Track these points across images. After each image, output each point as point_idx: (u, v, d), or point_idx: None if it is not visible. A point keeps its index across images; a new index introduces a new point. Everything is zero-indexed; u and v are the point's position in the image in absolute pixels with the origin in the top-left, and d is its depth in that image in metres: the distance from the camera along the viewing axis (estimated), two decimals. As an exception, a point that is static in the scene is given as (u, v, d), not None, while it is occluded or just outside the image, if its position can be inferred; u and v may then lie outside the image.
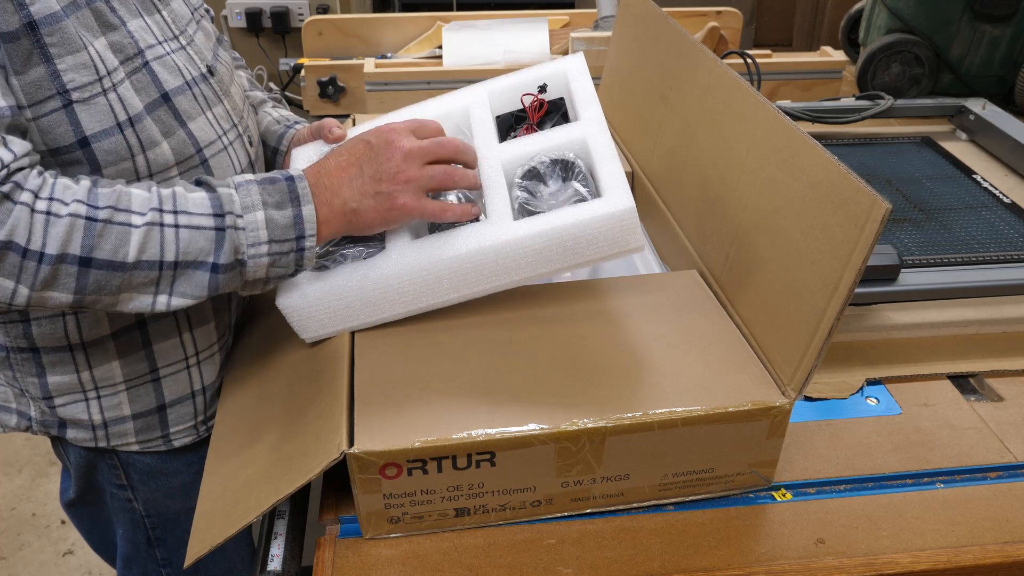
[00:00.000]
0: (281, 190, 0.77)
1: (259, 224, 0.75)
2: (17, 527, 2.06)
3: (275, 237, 0.76)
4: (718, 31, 1.74)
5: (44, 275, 0.69)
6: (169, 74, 0.82)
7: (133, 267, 0.72)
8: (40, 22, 0.71)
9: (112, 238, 0.71)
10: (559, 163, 0.86)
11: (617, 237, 0.81)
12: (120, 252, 0.71)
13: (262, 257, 0.76)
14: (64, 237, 0.69)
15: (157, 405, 0.91)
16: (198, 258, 0.74)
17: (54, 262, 0.69)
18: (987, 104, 1.49)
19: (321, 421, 0.76)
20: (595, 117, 0.90)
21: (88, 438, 0.90)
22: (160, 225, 0.72)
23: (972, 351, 1.01)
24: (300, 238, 0.77)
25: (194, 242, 0.73)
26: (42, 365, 0.85)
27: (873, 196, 0.67)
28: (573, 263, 0.83)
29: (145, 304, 0.75)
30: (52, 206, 0.69)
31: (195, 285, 0.75)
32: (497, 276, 0.83)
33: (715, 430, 0.76)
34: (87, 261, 0.70)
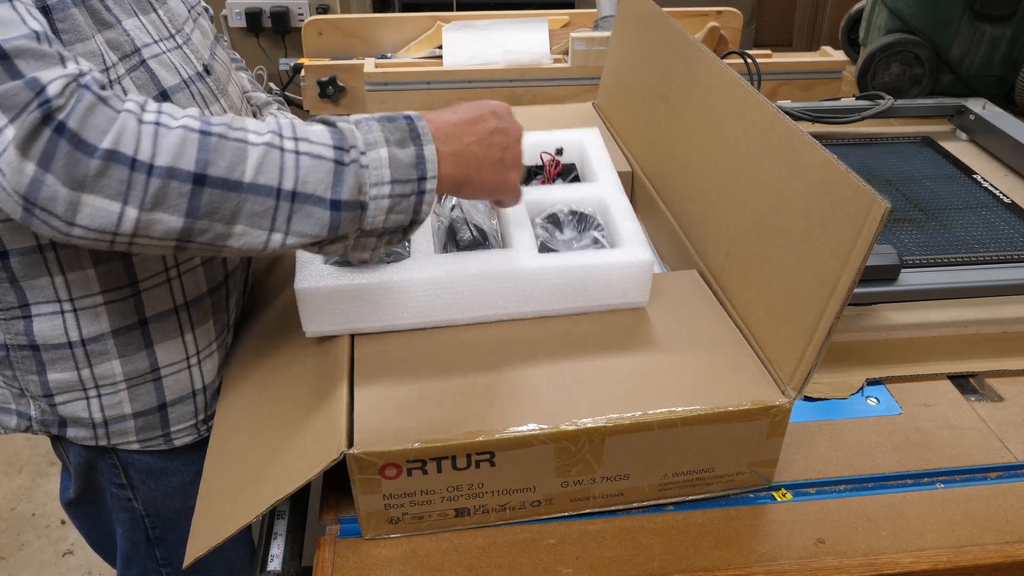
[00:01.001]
0: (401, 128, 0.71)
1: (383, 162, 0.68)
2: (17, 527, 2.06)
3: (398, 177, 0.69)
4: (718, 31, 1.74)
5: (154, 191, 0.63)
6: (166, 72, 0.82)
7: (249, 189, 0.65)
8: (53, 7, 0.71)
9: (228, 154, 0.64)
10: (576, 214, 0.93)
11: (628, 288, 0.87)
12: (236, 170, 0.65)
13: (384, 199, 0.69)
14: (176, 149, 0.63)
15: (158, 404, 0.91)
16: (316, 191, 0.67)
17: (164, 175, 0.63)
18: (987, 104, 1.49)
19: (321, 421, 0.76)
20: (613, 181, 0.99)
21: (89, 437, 0.90)
22: (280, 149, 0.66)
23: (972, 351, 1.01)
24: (422, 179, 0.70)
25: (314, 172, 0.67)
26: (42, 363, 0.85)
27: (872, 195, 0.67)
28: (582, 305, 0.87)
29: (258, 241, 0.67)
30: (161, 118, 0.64)
31: (314, 223, 0.67)
32: (514, 304, 0.85)
33: (715, 430, 0.76)
34: (201, 178, 0.64)
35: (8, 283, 0.81)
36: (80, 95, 0.62)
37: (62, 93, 0.61)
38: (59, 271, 0.81)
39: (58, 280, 0.81)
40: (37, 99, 0.60)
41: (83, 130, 0.61)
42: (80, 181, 0.61)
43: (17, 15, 0.64)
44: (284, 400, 0.84)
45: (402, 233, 0.73)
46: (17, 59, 0.61)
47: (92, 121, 0.62)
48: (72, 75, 0.62)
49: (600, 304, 0.87)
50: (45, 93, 0.61)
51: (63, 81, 0.61)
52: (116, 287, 0.84)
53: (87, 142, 0.61)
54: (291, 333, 0.90)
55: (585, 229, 0.92)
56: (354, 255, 0.74)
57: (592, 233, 0.92)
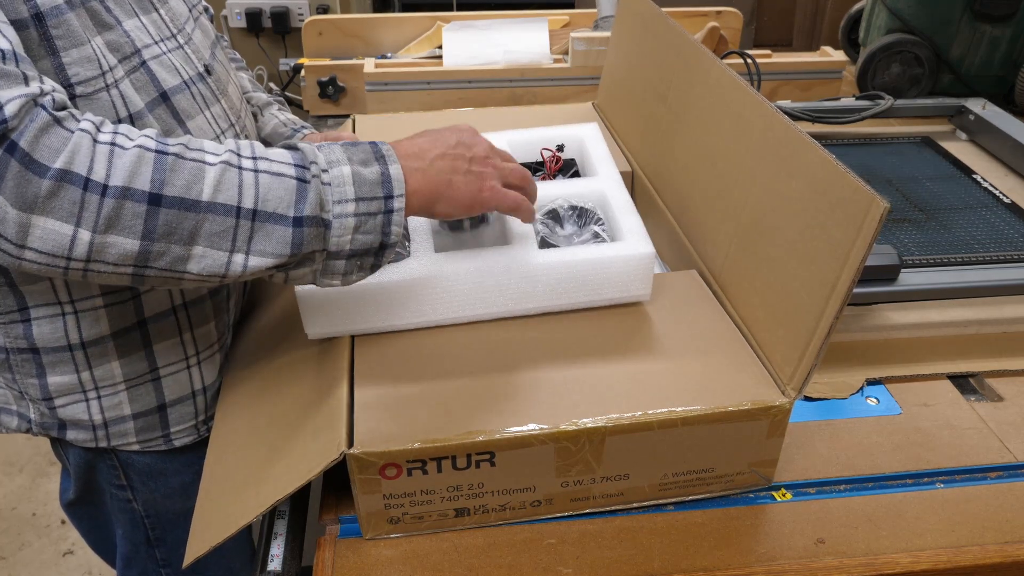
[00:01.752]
0: (365, 150, 0.70)
1: (345, 179, 0.67)
2: (17, 527, 2.06)
3: (362, 195, 0.68)
4: (718, 31, 1.74)
5: (108, 212, 0.61)
6: (167, 73, 0.82)
7: (207, 208, 0.64)
8: (47, 13, 0.70)
9: (185, 173, 0.63)
10: (576, 209, 0.93)
11: (631, 281, 0.86)
12: (193, 189, 0.63)
13: (348, 217, 0.68)
14: (131, 169, 0.62)
15: (157, 405, 0.91)
16: (278, 209, 0.65)
17: (119, 195, 0.61)
18: (987, 104, 1.49)
19: (321, 421, 0.76)
20: (612, 175, 0.99)
21: (88, 439, 0.90)
22: (238, 168, 0.65)
23: (972, 351, 1.01)
24: (389, 197, 0.69)
25: (274, 190, 0.65)
26: (42, 366, 0.85)
27: (871, 195, 0.68)
28: (584, 300, 0.87)
29: (219, 263, 0.66)
30: (117, 139, 0.63)
31: (276, 241, 0.66)
32: (515, 301, 0.85)
33: (715, 430, 0.76)
34: (156, 198, 0.62)
35: (7, 287, 0.81)
36: (34, 115, 0.61)
37: (17, 114, 0.60)
38: None
39: (58, 283, 0.81)
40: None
41: (35, 150, 0.60)
42: (31, 202, 0.60)
43: None
44: (284, 400, 0.84)
45: (373, 256, 0.72)
46: None
47: (44, 141, 0.61)
48: (31, 95, 0.62)
49: (602, 299, 0.87)
50: (1, 112, 0.60)
51: (19, 101, 0.61)
52: (117, 289, 0.84)
53: (39, 162, 0.60)
54: (291, 334, 0.90)
55: (585, 224, 0.92)
56: (323, 281, 0.72)
57: (592, 227, 0.91)
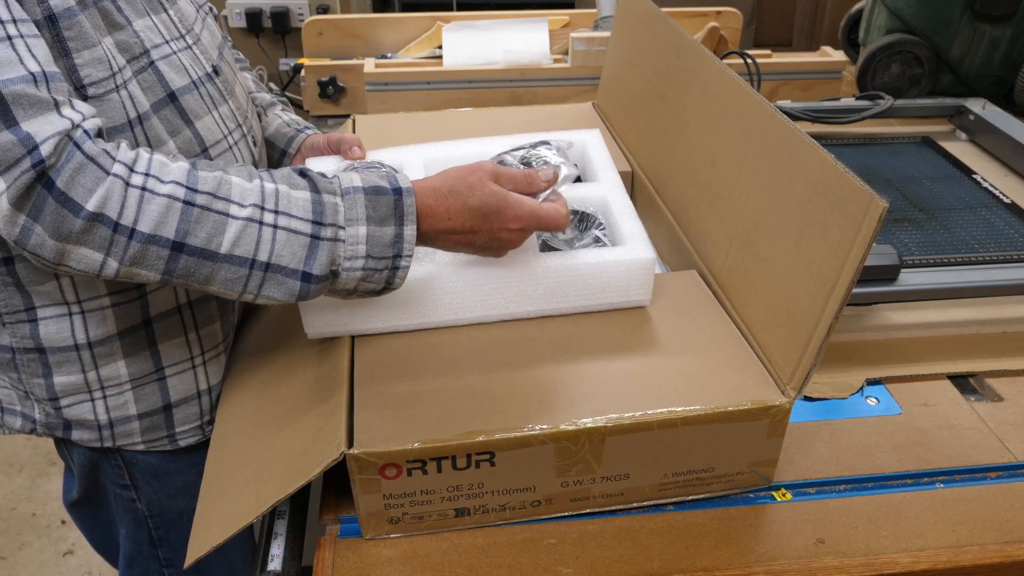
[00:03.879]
0: (387, 204, 0.73)
1: (360, 239, 0.72)
2: (17, 527, 2.06)
3: (373, 254, 0.73)
4: (718, 31, 1.74)
5: (133, 252, 0.68)
6: (175, 73, 0.83)
7: (224, 259, 0.70)
8: (59, 15, 0.71)
9: (208, 226, 0.69)
10: (578, 214, 0.93)
11: (631, 286, 0.87)
12: (214, 242, 0.69)
13: (356, 271, 0.73)
14: (159, 218, 0.67)
15: (163, 404, 0.91)
16: (290, 264, 0.71)
17: (145, 241, 0.67)
18: (987, 104, 1.49)
19: (321, 421, 0.76)
20: (614, 181, 0.99)
21: (94, 439, 0.90)
22: (259, 223, 0.70)
23: (972, 351, 1.01)
24: (397, 256, 0.74)
25: (288, 247, 0.71)
26: (48, 366, 0.85)
27: (871, 195, 0.68)
28: (584, 304, 0.87)
29: (230, 296, 0.74)
30: (148, 182, 0.67)
31: (283, 290, 0.72)
32: (515, 304, 0.86)
33: (715, 430, 0.76)
34: (179, 246, 0.68)
35: (14, 287, 0.81)
36: (70, 154, 0.65)
37: (54, 152, 0.65)
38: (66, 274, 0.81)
39: (65, 283, 0.82)
40: (30, 157, 0.64)
41: (70, 189, 0.65)
42: (66, 235, 0.66)
43: (15, 55, 0.66)
44: (285, 400, 0.84)
45: (375, 295, 0.77)
46: (13, 106, 0.64)
47: (79, 181, 0.65)
48: (64, 130, 0.65)
49: (602, 303, 0.87)
50: (38, 152, 0.64)
51: (56, 139, 0.65)
52: (123, 289, 0.84)
53: (74, 201, 0.65)
54: (292, 334, 0.90)
55: (587, 228, 0.93)
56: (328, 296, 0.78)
57: (593, 232, 0.92)
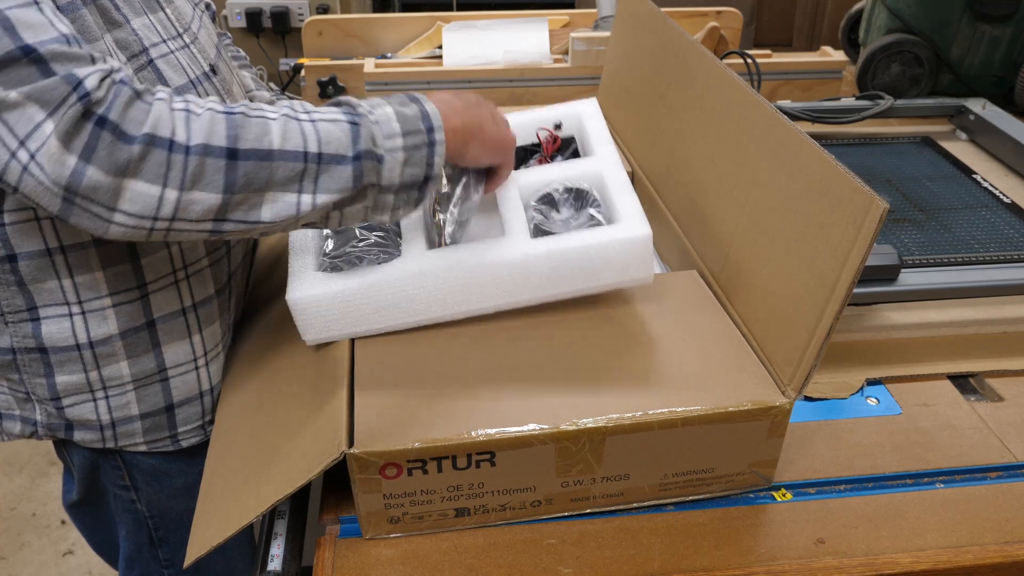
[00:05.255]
0: (400, 97, 0.76)
1: (390, 117, 0.73)
2: (17, 527, 2.06)
3: (407, 128, 0.74)
4: (718, 31, 1.74)
5: (192, 169, 0.67)
6: (174, 72, 0.83)
7: (279, 155, 0.69)
8: (63, 7, 0.71)
9: (254, 127, 0.69)
10: (573, 192, 0.89)
11: (630, 263, 0.83)
12: (264, 140, 0.69)
13: (397, 152, 0.73)
14: (208, 128, 0.67)
15: (165, 405, 0.91)
16: (338, 150, 0.71)
17: (201, 153, 0.67)
18: (987, 104, 1.49)
19: (321, 421, 0.76)
20: (610, 154, 0.94)
21: (96, 439, 0.90)
22: (297, 120, 0.71)
23: (972, 351, 1.01)
24: (430, 130, 0.75)
25: (332, 134, 0.71)
26: (50, 365, 0.85)
27: (871, 195, 0.68)
28: (583, 287, 0.85)
29: (290, 204, 0.71)
30: (189, 106, 0.68)
31: (338, 178, 0.72)
32: (510, 293, 0.84)
33: (715, 430, 0.76)
34: (233, 152, 0.68)
35: (16, 286, 0.81)
36: (118, 90, 0.65)
37: (99, 87, 0.64)
38: (67, 274, 0.81)
39: (66, 283, 0.81)
40: (75, 93, 0.63)
41: (123, 122, 0.65)
42: (122, 168, 0.65)
43: (45, 18, 0.66)
44: (284, 400, 0.84)
45: (418, 191, 0.76)
46: (52, 62, 0.64)
47: (130, 114, 0.65)
48: (106, 70, 0.65)
49: (602, 284, 0.85)
50: (83, 87, 0.63)
51: (98, 75, 0.64)
52: (124, 289, 0.84)
53: (127, 133, 0.65)
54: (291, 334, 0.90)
55: (582, 207, 0.89)
56: (375, 216, 0.76)
57: (589, 210, 0.88)
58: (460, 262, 0.82)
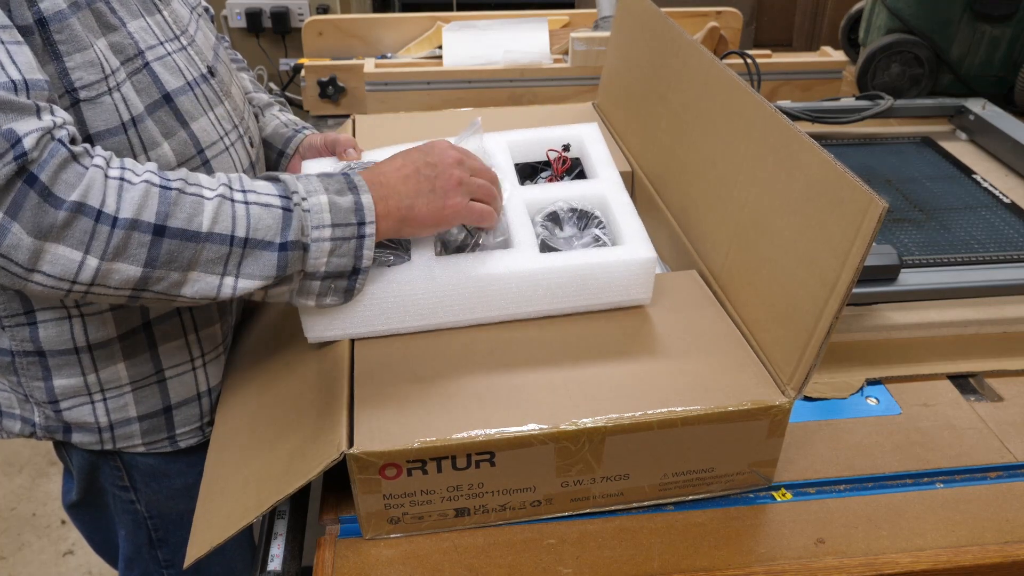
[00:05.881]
0: (339, 181, 0.77)
1: (323, 207, 0.74)
2: (17, 527, 2.06)
3: (338, 220, 0.74)
4: (718, 31, 1.74)
5: (116, 242, 0.66)
6: (170, 75, 0.82)
7: (206, 238, 0.70)
8: (50, 19, 0.71)
9: (187, 206, 0.69)
10: (577, 212, 0.92)
11: (630, 286, 0.86)
12: (194, 221, 0.69)
13: (325, 241, 0.74)
14: (139, 201, 0.67)
15: (163, 407, 0.91)
16: (266, 237, 0.72)
17: (128, 227, 0.66)
18: (987, 104, 1.49)
19: (321, 421, 0.76)
20: (613, 178, 0.98)
21: (94, 441, 0.90)
22: (231, 200, 0.71)
23: (972, 351, 1.01)
24: (361, 224, 0.75)
25: (262, 219, 0.72)
26: (48, 369, 0.85)
27: (870, 195, 0.68)
28: (583, 304, 0.87)
29: (211, 286, 0.72)
30: (125, 174, 0.68)
31: (262, 265, 0.72)
32: (515, 304, 0.85)
33: (715, 430, 0.76)
34: (161, 229, 0.68)
35: (14, 291, 0.81)
36: (54, 149, 0.65)
37: (36, 146, 0.64)
38: None
39: None
40: (13, 151, 0.63)
41: (54, 184, 0.64)
42: (46, 231, 0.64)
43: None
44: (284, 401, 0.84)
45: (346, 280, 0.77)
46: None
47: (63, 176, 0.65)
48: (47, 128, 0.65)
49: (602, 303, 0.87)
50: (21, 145, 0.63)
51: (38, 134, 0.64)
52: None
53: (56, 195, 0.64)
54: (291, 335, 0.90)
55: (586, 227, 0.92)
56: (298, 300, 0.77)
57: (593, 231, 0.91)
58: (470, 271, 0.83)
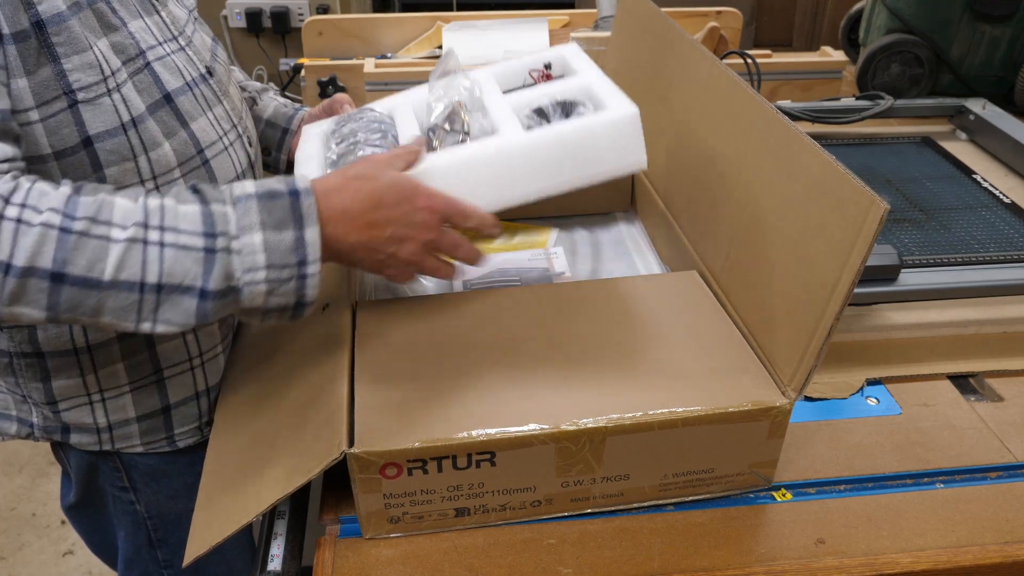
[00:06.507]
0: (283, 208, 0.69)
1: (256, 248, 0.68)
2: (17, 527, 2.06)
3: (274, 262, 0.68)
4: (718, 31, 1.74)
5: (11, 288, 0.63)
6: (170, 75, 0.82)
7: (110, 286, 0.65)
8: (47, 21, 0.71)
9: (88, 252, 0.64)
10: (562, 104, 0.90)
11: (622, 146, 0.84)
12: (96, 268, 0.64)
13: (259, 284, 0.68)
14: (34, 248, 0.63)
15: (162, 407, 0.91)
16: (183, 282, 0.66)
17: (21, 275, 0.63)
18: (987, 104, 1.49)
19: (321, 420, 0.76)
20: (597, 73, 0.94)
21: (92, 442, 0.90)
22: (143, 242, 0.66)
23: (972, 351, 1.01)
24: (302, 263, 0.69)
25: (180, 263, 0.66)
26: (47, 370, 0.85)
27: (871, 196, 0.68)
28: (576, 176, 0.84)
29: (127, 327, 0.68)
30: (24, 213, 0.63)
31: (181, 312, 0.67)
32: (509, 186, 0.82)
33: (715, 430, 0.76)
34: (59, 276, 0.64)
35: None
36: None
37: None
38: None
39: None
40: None
41: None
42: None
43: None
44: (284, 400, 0.84)
45: (291, 311, 0.72)
46: None
47: None
48: None
49: (596, 173, 0.84)
50: None
51: None
52: None
53: None
54: (291, 334, 0.90)
55: (570, 114, 0.89)
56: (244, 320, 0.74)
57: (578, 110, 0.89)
58: (459, 159, 0.81)
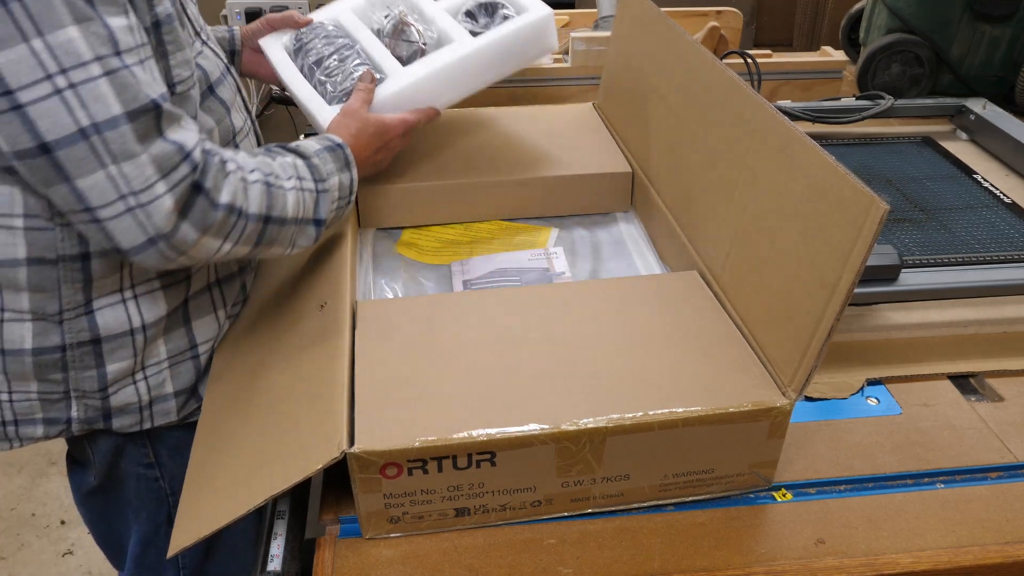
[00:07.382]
0: (339, 157, 0.93)
1: (335, 186, 0.91)
2: (17, 527, 2.06)
3: (343, 195, 0.93)
4: (718, 31, 1.74)
5: (248, 232, 0.81)
6: (212, 66, 0.90)
7: (290, 222, 0.86)
8: (163, 21, 0.79)
9: (280, 199, 0.84)
10: (485, 5, 1.18)
11: (541, 38, 1.13)
12: (284, 211, 0.84)
13: (337, 211, 0.93)
14: (258, 199, 0.81)
15: (195, 381, 0.94)
16: (310, 215, 0.88)
17: (256, 220, 0.81)
18: (987, 104, 1.49)
19: (321, 419, 0.76)
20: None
21: (134, 423, 0.92)
22: (299, 190, 0.86)
23: (972, 351, 1.01)
24: (352, 193, 0.95)
25: (308, 203, 0.88)
26: (101, 355, 0.87)
27: (871, 197, 0.68)
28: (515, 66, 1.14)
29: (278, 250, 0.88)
30: (244, 174, 0.80)
31: (307, 237, 0.89)
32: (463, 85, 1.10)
33: (715, 430, 0.76)
34: (267, 219, 0.83)
35: (81, 283, 0.83)
36: (209, 161, 0.77)
37: (200, 158, 0.76)
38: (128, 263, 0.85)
39: (125, 271, 0.85)
40: (186, 163, 0.74)
41: (214, 191, 0.77)
42: (207, 228, 0.77)
43: (151, 76, 0.75)
44: (283, 398, 0.84)
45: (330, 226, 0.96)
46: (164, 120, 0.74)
47: (218, 183, 0.78)
48: (200, 140, 0.77)
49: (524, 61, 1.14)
50: (192, 159, 0.75)
51: (200, 150, 0.76)
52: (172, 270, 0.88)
53: (216, 201, 0.77)
54: (290, 332, 0.90)
55: (494, 13, 1.16)
56: None
57: (502, 12, 1.15)
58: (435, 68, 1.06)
